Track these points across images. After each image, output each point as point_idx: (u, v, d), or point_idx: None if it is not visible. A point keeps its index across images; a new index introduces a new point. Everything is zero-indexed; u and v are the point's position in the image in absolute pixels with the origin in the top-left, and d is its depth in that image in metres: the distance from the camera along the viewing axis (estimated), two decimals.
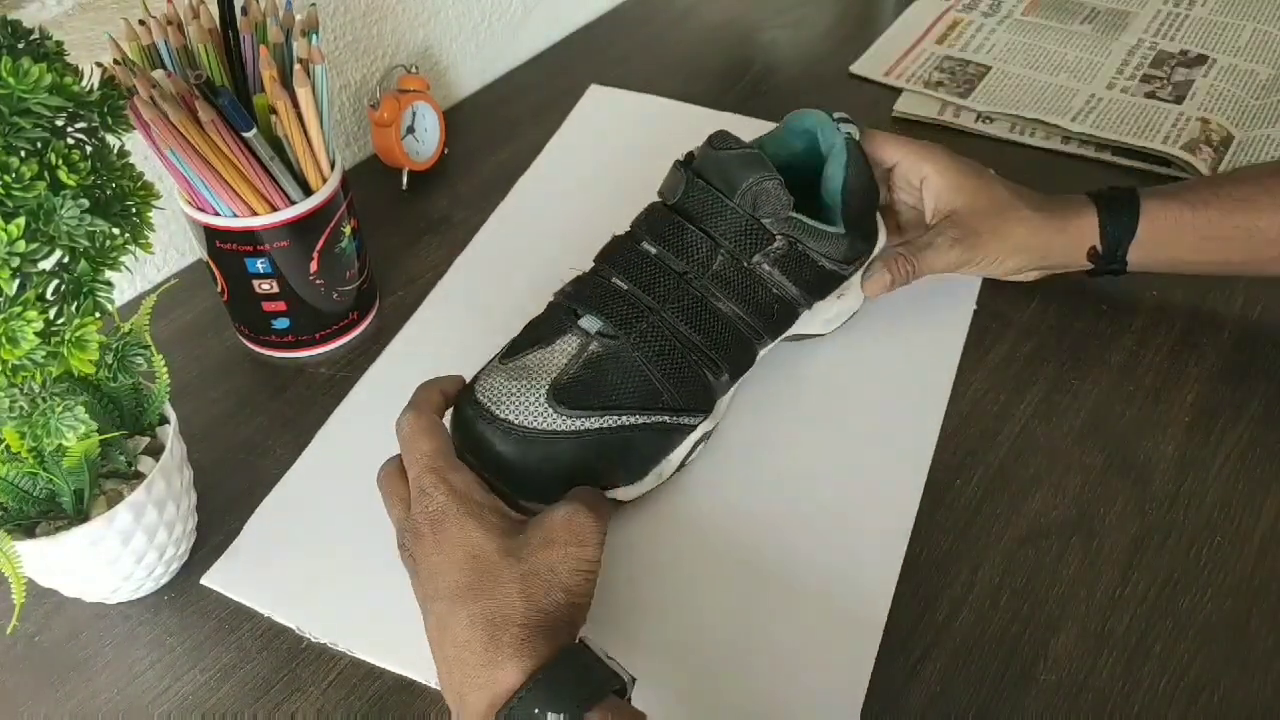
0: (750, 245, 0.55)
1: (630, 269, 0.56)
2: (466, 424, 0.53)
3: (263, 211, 0.59)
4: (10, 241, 0.37)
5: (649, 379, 0.54)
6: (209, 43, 0.58)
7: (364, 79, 0.83)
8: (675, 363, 0.55)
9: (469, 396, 0.54)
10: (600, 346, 0.55)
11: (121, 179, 0.43)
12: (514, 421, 0.52)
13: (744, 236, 0.55)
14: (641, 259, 0.56)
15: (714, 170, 0.56)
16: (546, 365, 0.54)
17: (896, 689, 0.49)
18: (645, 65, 0.95)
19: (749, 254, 0.56)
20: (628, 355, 0.54)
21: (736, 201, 0.55)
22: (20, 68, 0.36)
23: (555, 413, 0.53)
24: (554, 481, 0.52)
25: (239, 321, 0.67)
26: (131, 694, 0.50)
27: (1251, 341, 0.65)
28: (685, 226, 0.56)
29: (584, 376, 0.54)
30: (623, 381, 0.54)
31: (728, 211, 0.55)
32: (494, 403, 0.53)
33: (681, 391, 0.55)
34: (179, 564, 0.55)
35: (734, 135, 0.58)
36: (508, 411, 0.52)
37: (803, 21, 1.01)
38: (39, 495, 0.49)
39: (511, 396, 0.53)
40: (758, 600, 0.53)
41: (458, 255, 0.74)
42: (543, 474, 0.52)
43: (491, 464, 0.52)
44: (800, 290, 0.58)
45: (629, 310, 0.55)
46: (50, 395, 0.44)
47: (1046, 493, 0.57)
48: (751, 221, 0.55)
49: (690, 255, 0.55)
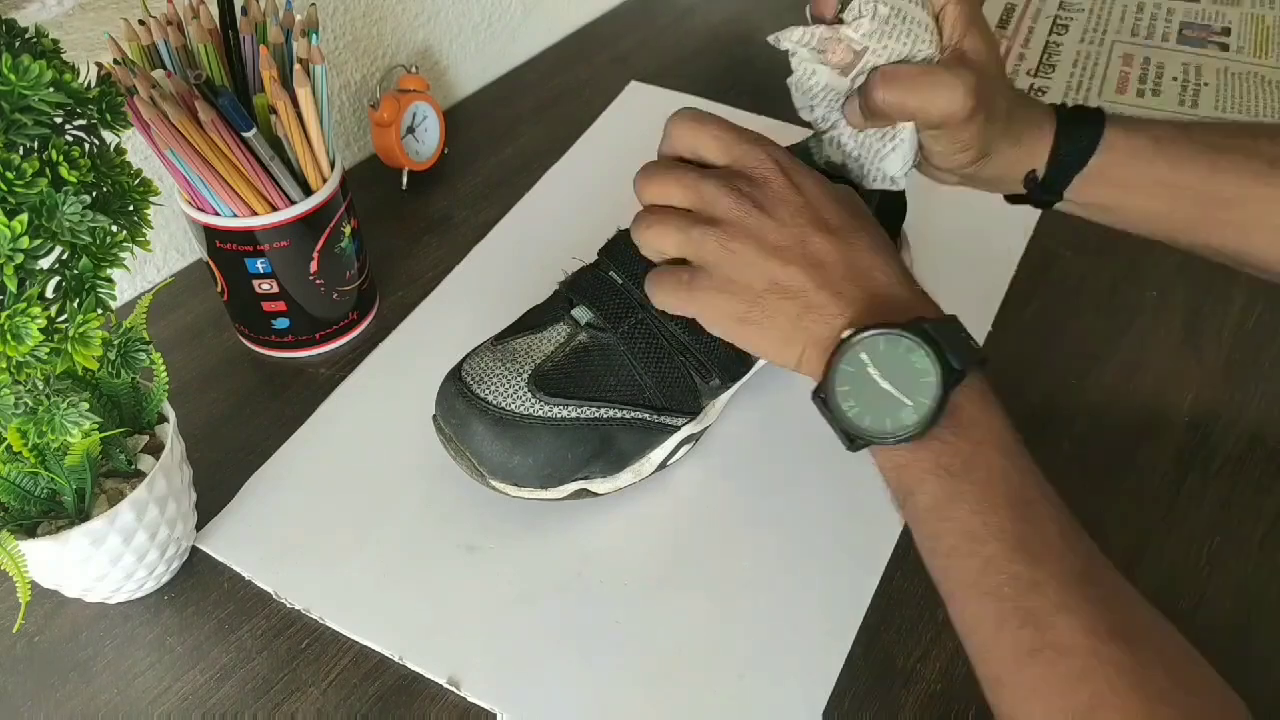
0: None
1: (627, 264, 0.56)
2: (449, 400, 0.54)
3: (263, 211, 0.59)
4: (14, 238, 0.37)
5: (633, 375, 0.55)
6: (209, 43, 0.58)
7: (364, 79, 0.83)
8: (662, 362, 0.55)
9: (455, 373, 0.55)
10: (588, 338, 0.55)
11: (120, 176, 0.43)
12: (491, 402, 0.53)
13: None
14: (640, 255, 0.56)
15: None
16: (533, 351, 0.55)
17: (897, 688, 0.49)
18: (645, 65, 0.95)
19: None
20: (614, 349, 0.55)
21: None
22: (21, 65, 0.37)
23: (534, 398, 0.53)
24: (526, 466, 0.53)
25: (239, 321, 0.67)
26: (131, 694, 0.50)
27: (1251, 341, 0.65)
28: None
29: (567, 366, 0.54)
30: (606, 375, 0.54)
31: None
32: (476, 381, 0.54)
33: (666, 391, 0.55)
34: (179, 562, 0.55)
35: None
36: (487, 391, 0.53)
37: (803, 21, 1.01)
38: (40, 495, 0.49)
39: (494, 377, 0.54)
40: (728, 603, 0.53)
41: (463, 252, 0.74)
42: (515, 457, 0.53)
43: (467, 441, 0.53)
44: None
45: (620, 305, 0.55)
46: (53, 392, 0.44)
47: None
48: None
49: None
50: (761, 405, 0.62)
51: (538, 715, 0.49)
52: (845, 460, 0.59)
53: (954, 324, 0.43)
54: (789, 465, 0.59)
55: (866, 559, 0.54)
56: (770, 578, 0.54)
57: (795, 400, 0.62)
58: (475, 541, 0.56)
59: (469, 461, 0.54)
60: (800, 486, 0.58)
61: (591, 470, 0.55)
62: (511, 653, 0.51)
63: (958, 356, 0.41)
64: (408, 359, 0.67)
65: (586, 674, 0.50)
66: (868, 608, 0.52)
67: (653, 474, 0.57)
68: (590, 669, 0.50)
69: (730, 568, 0.54)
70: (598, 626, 0.52)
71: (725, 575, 0.54)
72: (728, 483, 0.59)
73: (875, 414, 0.42)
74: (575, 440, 0.54)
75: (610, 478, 0.56)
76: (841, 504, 0.57)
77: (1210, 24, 0.97)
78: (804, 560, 0.54)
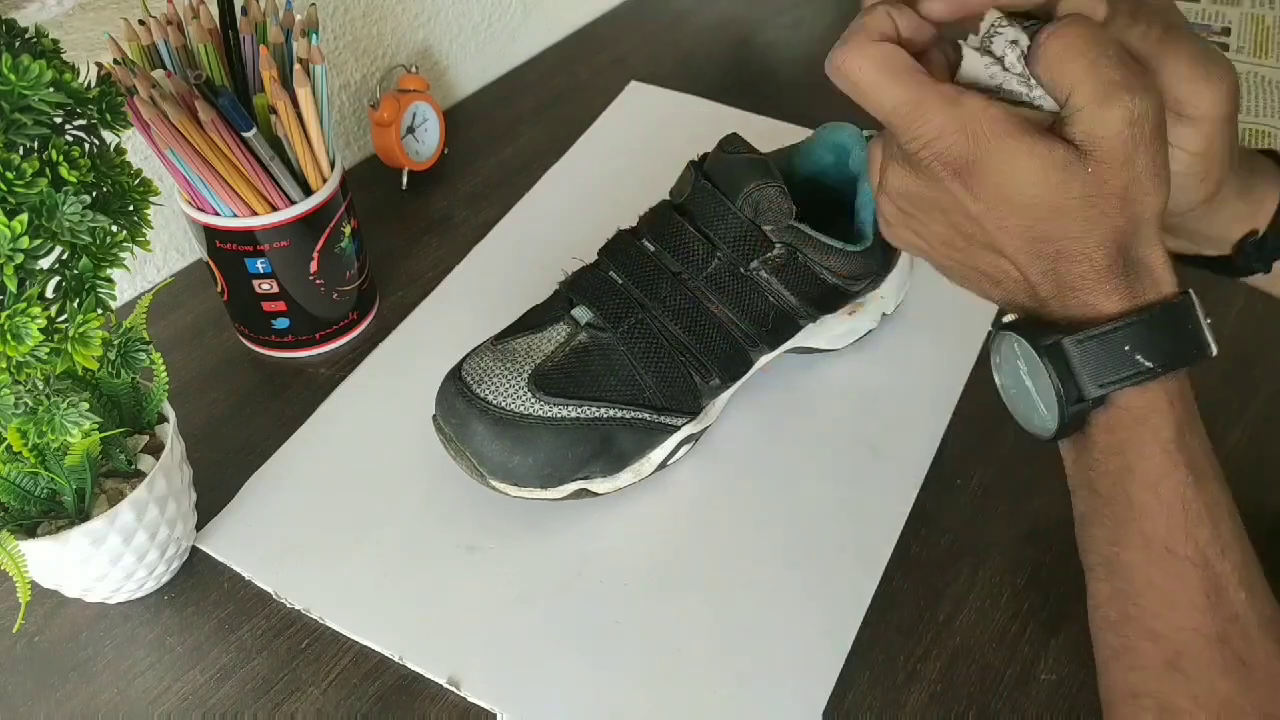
0: (749, 251, 0.55)
1: (627, 264, 0.56)
2: (449, 399, 0.54)
3: (263, 211, 0.59)
4: (14, 238, 0.37)
5: (633, 375, 0.55)
6: (209, 43, 0.58)
7: (364, 79, 0.83)
8: (662, 361, 0.55)
9: (455, 372, 0.55)
10: (588, 338, 0.55)
11: (120, 176, 0.43)
12: (491, 401, 0.53)
13: (743, 241, 0.55)
14: (639, 255, 0.56)
15: (721, 173, 0.56)
16: (533, 351, 0.55)
17: (897, 688, 0.49)
18: (645, 65, 0.95)
19: (746, 260, 0.55)
20: (614, 349, 0.55)
21: (738, 205, 0.55)
22: (21, 65, 0.37)
23: (534, 398, 0.53)
24: (526, 466, 0.53)
25: (239, 321, 0.67)
26: (131, 694, 0.50)
27: (1252, 341, 0.65)
28: (685, 227, 0.56)
29: (567, 365, 0.54)
30: (606, 375, 0.54)
31: (729, 215, 0.55)
32: (476, 381, 0.54)
33: (666, 391, 0.55)
34: (179, 562, 0.55)
35: (745, 140, 0.57)
36: (487, 391, 0.53)
37: (802, 21, 1.01)
38: (40, 495, 0.49)
39: (494, 377, 0.54)
40: (728, 603, 0.53)
41: (463, 252, 0.74)
42: (515, 457, 0.53)
43: (467, 441, 0.53)
44: (800, 301, 0.57)
45: (619, 305, 0.55)
46: (53, 392, 0.44)
47: (1048, 492, 0.57)
48: (751, 227, 0.55)
49: (686, 256, 0.55)
50: (761, 405, 0.62)
51: (538, 715, 0.49)
52: (845, 461, 0.60)
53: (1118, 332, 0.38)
54: (789, 465, 0.59)
55: (866, 559, 0.54)
56: (770, 578, 0.54)
57: (795, 400, 0.63)
58: (475, 541, 0.56)
59: (469, 461, 0.54)
60: (800, 487, 0.58)
61: (592, 470, 0.55)
62: (511, 653, 0.51)
63: (1097, 376, 0.38)
64: (407, 359, 0.67)
65: (587, 674, 0.50)
66: (868, 608, 0.52)
67: (653, 474, 0.57)
68: (591, 669, 0.50)
69: (730, 568, 0.54)
70: (598, 627, 0.52)
71: (725, 575, 0.54)
72: (727, 483, 0.58)
73: (1024, 402, 0.41)
74: (575, 440, 0.54)
75: (610, 477, 0.56)
76: (841, 504, 0.57)
77: (1210, 24, 0.97)
78: (804, 561, 0.54)
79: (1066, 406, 0.39)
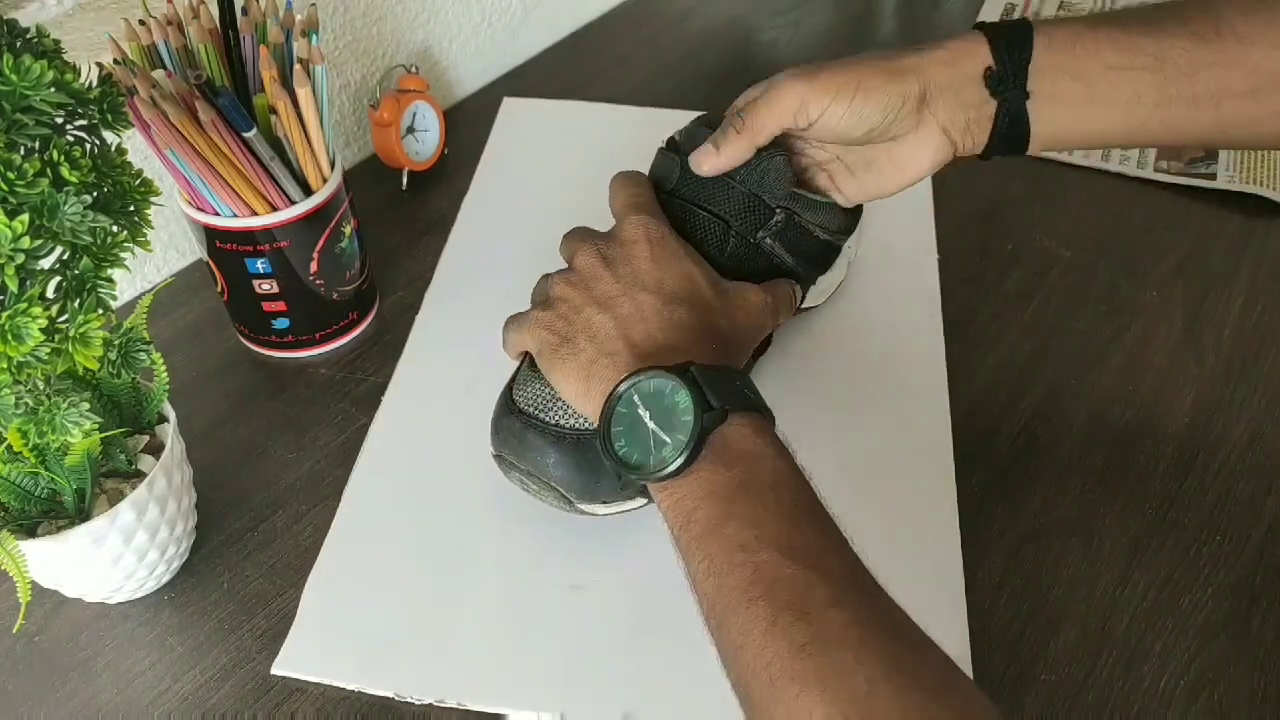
0: (754, 222, 0.55)
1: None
2: (515, 435, 0.52)
3: (263, 211, 0.59)
4: (15, 238, 0.37)
5: None
6: (209, 43, 0.58)
7: (364, 79, 0.83)
8: None
9: (511, 408, 0.53)
10: None
11: (121, 176, 0.43)
12: (564, 425, 0.51)
13: (749, 214, 0.55)
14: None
15: None
16: None
17: None
18: (645, 65, 0.95)
19: (754, 231, 0.55)
20: None
21: (739, 179, 0.54)
22: (22, 65, 0.37)
23: None
24: (609, 480, 0.51)
25: (239, 321, 0.67)
26: (131, 694, 0.50)
27: (1251, 341, 0.65)
28: (695, 211, 0.55)
29: None
30: None
31: (731, 191, 0.54)
32: (540, 410, 0.52)
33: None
34: (179, 562, 0.55)
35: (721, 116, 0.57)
36: (557, 416, 0.51)
37: (802, 21, 1.01)
38: (40, 495, 0.49)
39: (556, 401, 0.51)
40: None
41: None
42: (599, 473, 0.51)
43: (545, 469, 0.51)
44: (798, 262, 0.57)
45: None
46: (54, 392, 0.44)
47: (1047, 493, 0.57)
48: (753, 199, 0.55)
49: (706, 240, 0.55)
50: (771, 375, 0.62)
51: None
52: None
53: (724, 371, 0.46)
54: (835, 429, 0.60)
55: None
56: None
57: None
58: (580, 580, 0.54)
59: (556, 491, 0.52)
60: (848, 447, 0.58)
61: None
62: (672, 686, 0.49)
63: (719, 397, 0.44)
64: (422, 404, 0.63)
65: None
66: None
67: None
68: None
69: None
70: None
71: None
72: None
73: (642, 451, 0.45)
74: None
75: None
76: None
77: None
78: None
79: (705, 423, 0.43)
